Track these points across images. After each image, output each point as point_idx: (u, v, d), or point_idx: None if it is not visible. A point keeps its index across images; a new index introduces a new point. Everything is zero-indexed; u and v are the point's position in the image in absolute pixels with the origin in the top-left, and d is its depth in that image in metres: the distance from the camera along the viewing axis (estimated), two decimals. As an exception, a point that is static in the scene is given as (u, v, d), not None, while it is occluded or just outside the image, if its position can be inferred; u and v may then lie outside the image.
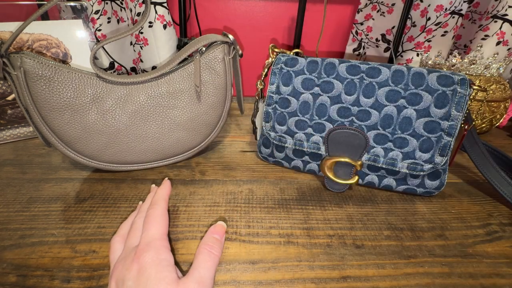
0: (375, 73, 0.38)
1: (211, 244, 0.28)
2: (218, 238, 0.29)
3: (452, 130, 0.36)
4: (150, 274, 0.24)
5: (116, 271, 0.26)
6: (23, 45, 0.47)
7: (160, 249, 0.26)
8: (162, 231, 0.29)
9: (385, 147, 0.39)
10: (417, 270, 0.31)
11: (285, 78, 0.43)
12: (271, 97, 0.44)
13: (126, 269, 0.25)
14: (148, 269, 0.24)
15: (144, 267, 0.24)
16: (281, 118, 0.43)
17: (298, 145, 0.43)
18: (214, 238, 0.29)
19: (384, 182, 0.42)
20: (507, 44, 0.68)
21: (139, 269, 0.24)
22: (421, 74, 0.37)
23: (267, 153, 0.48)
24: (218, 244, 0.29)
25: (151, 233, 0.28)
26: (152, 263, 0.25)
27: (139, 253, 0.25)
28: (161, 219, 0.30)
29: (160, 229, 0.29)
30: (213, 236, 0.29)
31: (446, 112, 0.36)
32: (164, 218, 0.30)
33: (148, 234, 0.28)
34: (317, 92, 0.41)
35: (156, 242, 0.27)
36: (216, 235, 0.29)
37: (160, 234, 0.28)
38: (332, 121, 0.40)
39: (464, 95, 0.35)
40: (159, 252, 0.26)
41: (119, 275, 0.25)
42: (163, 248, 0.26)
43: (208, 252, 0.27)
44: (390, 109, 0.38)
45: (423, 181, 0.40)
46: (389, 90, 0.38)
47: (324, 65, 0.41)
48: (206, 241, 0.29)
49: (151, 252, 0.26)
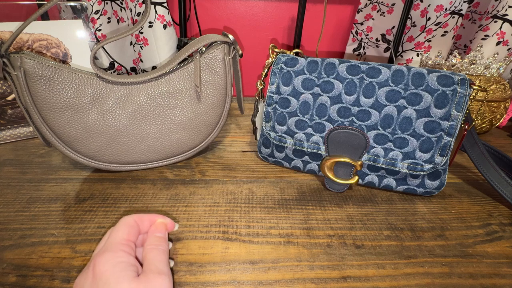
0: (375, 73, 0.38)
1: (156, 243, 0.27)
2: (160, 235, 0.28)
3: (452, 130, 0.36)
4: (107, 277, 0.22)
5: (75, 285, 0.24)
6: (23, 45, 0.47)
7: (116, 252, 0.25)
8: (124, 236, 0.26)
9: (385, 147, 0.39)
10: (417, 270, 0.31)
11: (285, 78, 0.43)
12: (271, 97, 0.44)
13: (84, 278, 0.24)
14: (104, 272, 0.23)
15: (100, 270, 0.23)
16: (281, 118, 0.43)
17: (298, 145, 0.43)
18: (156, 236, 0.28)
19: (384, 182, 0.42)
20: (507, 44, 0.68)
21: (95, 274, 0.23)
22: (421, 74, 0.37)
23: (267, 153, 0.48)
24: (163, 240, 0.28)
25: (111, 239, 0.26)
26: (107, 265, 0.23)
27: (95, 258, 0.24)
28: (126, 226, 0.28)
29: (123, 234, 0.27)
30: (155, 235, 0.28)
31: (446, 112, 0.36)
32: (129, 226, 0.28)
33: (109, 240, 0.26)
34: (317, 92, 0.41)
35: (113, 246, 0.25)
36: (158, 233, 0.28)
37: (120, 238, 0.26)
38: (332, 121, 0.40)
39: (464, 95, 0.35)
40: (115, 255, 0.24)
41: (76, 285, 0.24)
42: (120, 252, 0.25)
43: (156, 249, 0.26)
44: (390, 109, 0.38)
45: (423, 181, 0.40)
46: (389, 90, 0.38)
47: (324, 65, 0.41)
48: (150, 242, 0.27)
49: (106, 255, 0.24)
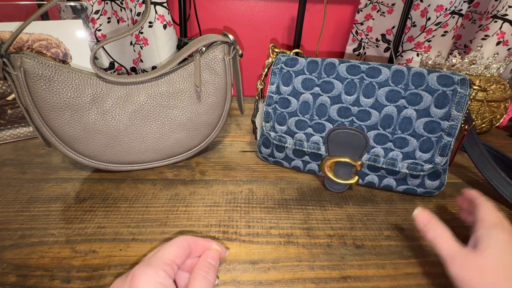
0: (375, 73, 0.38)
1: (206, 269, 0.27)
2: (213, 263, 0.28)
3: (452, 130, 0.36)
4: None
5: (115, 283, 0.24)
6: (23, 45, 0.47)
7: (158, 271, 0.23)
8: (170, 256, 0.25)
9: (385, 147, 0.39)
10: (417, 270, 0.31)
11: (285, 78, 0.43)
12: (271, 97, 0.44)
13: (121, 285, 0.23)
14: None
15: (137, 285, 0.22)
16: (281, 118, 0.43)
17: (298, 145, 0.43)
18: (209, 263, 0.28)
19: (384, 182, 0.42)
20: (507, 44, 0.68)
21: (131, 285, 0.22)
22: (421, 74, 0.37)
23: (267, 153, 0.48)
24: (213, 269, 0.27)
25: (158, 254, 0.25)
26: (146, 282, 0.22)
27: (136, 269, 0.24)
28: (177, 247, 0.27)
29: (171, 254, 0.25)
30: (208, 261, 0.28)
31: (446, 112, 0.36)
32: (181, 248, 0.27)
33: (156, 255, 0.25)
34: (317, 92, 0.41)
35: (158, 262, 0.24)
36: (211, 260, 0.28)
37: (167, 257, 0.25)
38: (332, 121, 0.40)
39: (464, 95, 0.35)
40: (157, 274, 0.23)
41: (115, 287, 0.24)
42: (162, 272, 0.23)
43: (204, 277, 0.26)
44: (390, 109, 0.38)
45: (423, 181, 0.40)
46: (389, 90, 0.38)
47: (324, 65, 0.41)
48: (201, 266, 0.27)
49: (147, 269, 0.23)
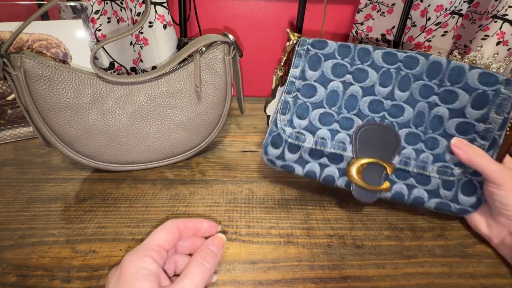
0: (413, 64, 0.34)
1: (204, 255, 0.26)
2: (214, 250, 0.27)
3: (488, 134, 0.33)
4: (127, 281, 0.23)
5: (110, 275, 0.25)
6: (23, 45, 0.47)
7: (143, 257, 0.24)
8: (157, 242, 0.26)
9: (416, 148, 0.35)
10: (417, 270, 0.31)
11: (313, 61, 0.36)
12: (292, 83, 0.37)
13: (114, 272, 0.24)
14: (127, 275, 0.23)
15: (125, 270, 0.23)
16: (303, 110, 0.37)
17: (320, 144, 0.36)
18: (210, 250, 0.27)
19: (414, 193, 0.35)
20: (507, 44, 0.68)
21: (121, 272, 0.23)
22: (461, 68, 0.33)
23: (275, 154, 0.38)
24: (213, 256, 0.26)
25: (145, 240, 0.26)
26: (131, 267, 0.23)
27: (125, 257, 0.24)
28: (164, 232, 0.27)
29: (158, 240, 0.26)
30: (209, 248, 0.27)
31: (484, 114, 0.33)
32: (169, 233, 0.27)
33: (144, 241, 0.26)
34: (349, 81, 0.36)
35: (143, 248, 0.25)
36: (213, 247, 0.27)
37: (153, 243, 0.25)
38: (361, 116, 0.36)
39: (508, 96, 0.32)
40: (142, 259, 0.24)
41: (109, 278, 0.25)
42: (147, 257, 0.24)
43: (200, 264, 0.25)
44: (423, 105, 0.35)
45: (457, 195, 0.35)
46: (423, 85, 0.35)
47: (357, 50, 0.36)
48: (200, 251, 0.26)
49: (133, 255, 0.24)
